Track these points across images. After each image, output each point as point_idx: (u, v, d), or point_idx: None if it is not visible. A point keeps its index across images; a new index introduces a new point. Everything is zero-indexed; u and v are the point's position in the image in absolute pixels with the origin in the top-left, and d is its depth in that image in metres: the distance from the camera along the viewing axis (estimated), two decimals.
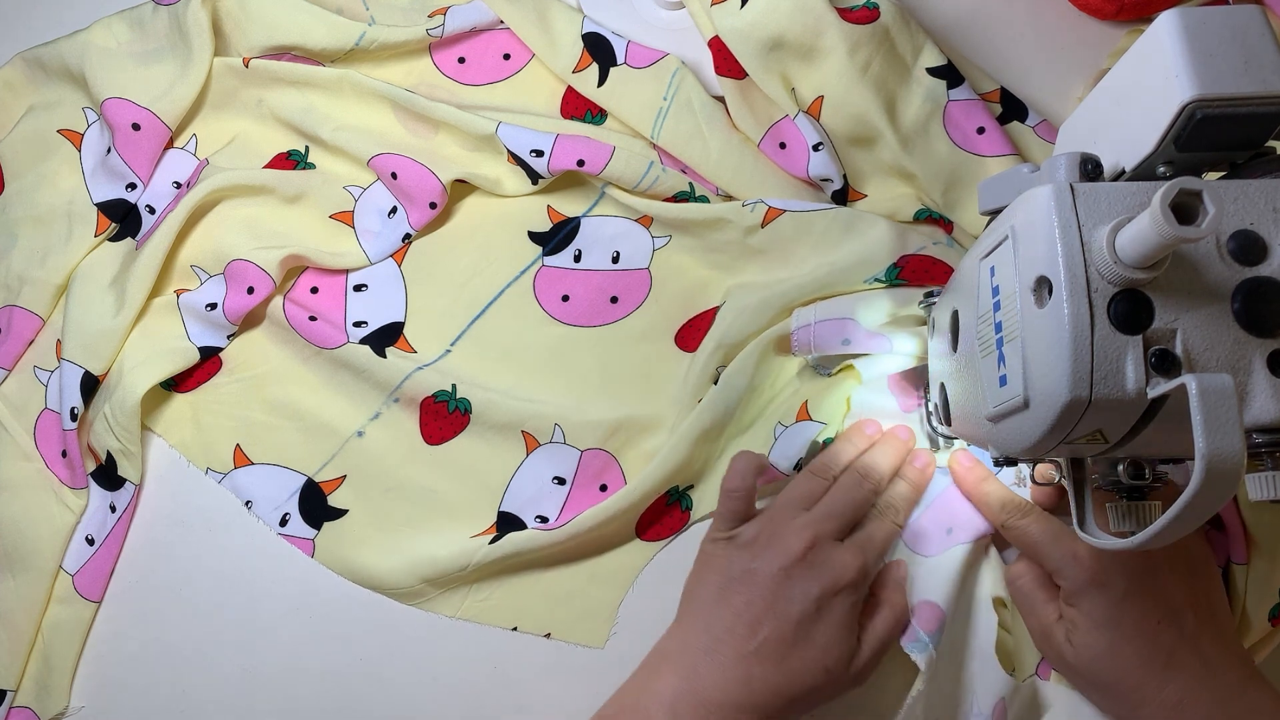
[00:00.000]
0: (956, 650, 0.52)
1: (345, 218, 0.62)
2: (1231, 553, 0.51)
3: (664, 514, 0.57)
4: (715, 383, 0.56)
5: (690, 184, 0.60)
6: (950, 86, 0.59)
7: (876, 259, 0.56)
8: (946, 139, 0.59)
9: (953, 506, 0.54)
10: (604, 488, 0.58)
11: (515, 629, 0.56)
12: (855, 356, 0.56)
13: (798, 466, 0.55)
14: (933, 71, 0.60)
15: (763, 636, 0.47)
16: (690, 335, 0.60)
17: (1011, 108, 0.62)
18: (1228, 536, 0.51)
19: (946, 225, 0.59)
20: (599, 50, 0.62)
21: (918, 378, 0.56)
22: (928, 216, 0.59)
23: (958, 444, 0.55)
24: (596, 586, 0.57)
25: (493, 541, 0.55)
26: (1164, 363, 0.34)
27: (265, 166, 0.63)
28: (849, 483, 0.52)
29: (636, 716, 0.48)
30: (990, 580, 0.53)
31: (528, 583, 0.57)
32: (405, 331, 0.61)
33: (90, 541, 0.58)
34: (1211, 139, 0.35)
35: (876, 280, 0.56)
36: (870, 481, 0.53)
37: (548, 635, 0.56)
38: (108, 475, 0.59)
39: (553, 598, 0.57)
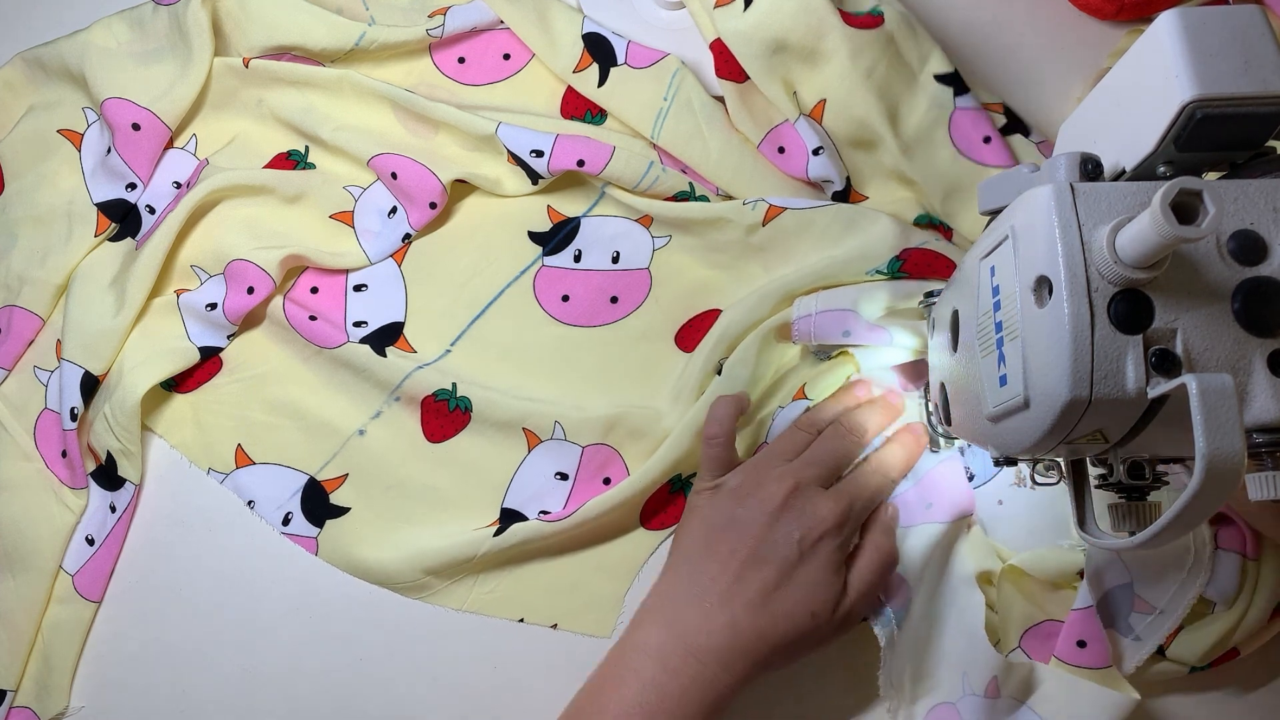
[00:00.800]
0: (930, 627, 0.53)
1: (345, 218, 0.62)
2: (1247, 549, 0.51)
3: (668, 502, 0.57)
4: (719, 374, 0.56)
5: (690, 184, 0.60)
6: (957, 94, 0.59)
7: (878, 252, 0.56)
8: (950, 146, 0.59)
9: (938, 484, 0.54)
10: (607, 481, 0.58)
11: (521, 620, 0.56)
12: (855, 347, 0.56)
13: None
14: (940, 79, 0.60)
15: (747, 582, 0.48)
16: (690, 335, 0.60)
17: (1015, 121, 0.61)
18: (1241, 530, 0.51)
19: (946, 232, 0.59)
20: (599, 50, 0.62)
21: (916, 371, 0.56)
22: (927, 222, 0.59)
23: (958, 444, 0.55)
24: (602, 576, 0.57)
25: (498, 533, 0.56)
26: (1164, 363, 0.34)
27: (265, 166, 0.63)
28: (832, 434, 0.53)
29: (625, 671, 0.48)
30: (974, 559, 0.54)
31: (533, 573, 0.57)
32: (405, 331, 0.61)
33: (90, 541, 0.58)
34: (1211, 139, 0.36)
35: (878, 272, 0.56)
36: (853, 435, 0.53)
37: (554, 626, 0.56)
38: (108, 475, 0.59)
39: (558, 588, 0.57)
